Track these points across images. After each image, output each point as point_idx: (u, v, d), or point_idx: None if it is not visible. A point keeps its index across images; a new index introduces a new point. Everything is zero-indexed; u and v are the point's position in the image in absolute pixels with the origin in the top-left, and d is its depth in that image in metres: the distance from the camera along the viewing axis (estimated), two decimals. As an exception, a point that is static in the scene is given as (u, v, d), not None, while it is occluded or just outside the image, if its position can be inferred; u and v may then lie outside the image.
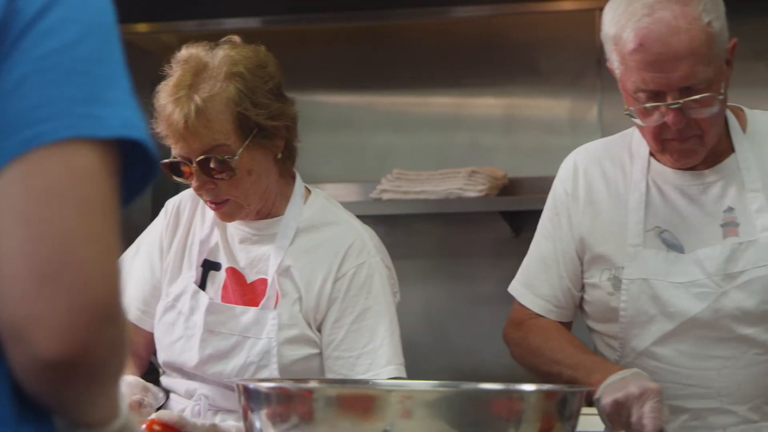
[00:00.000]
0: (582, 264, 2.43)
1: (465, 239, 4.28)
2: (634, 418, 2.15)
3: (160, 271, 2.57)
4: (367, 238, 2.53)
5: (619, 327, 2.38)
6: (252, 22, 4.38)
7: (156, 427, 2.13)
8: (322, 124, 4.37)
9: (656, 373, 2.35)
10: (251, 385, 1.89)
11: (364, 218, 4.31)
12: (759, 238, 2.31)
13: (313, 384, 2.02)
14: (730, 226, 2.33)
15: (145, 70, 2.97)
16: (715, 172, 2.36)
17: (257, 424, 1.88)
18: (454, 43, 4.33)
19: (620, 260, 2.37)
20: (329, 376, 2.45)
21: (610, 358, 2.41)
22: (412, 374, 2.55)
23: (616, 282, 2.37)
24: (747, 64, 4.00)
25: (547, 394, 2.00)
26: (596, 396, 2.22)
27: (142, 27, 4.58)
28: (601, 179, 2.43)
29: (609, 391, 2.20)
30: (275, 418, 1.87)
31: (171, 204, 2.62)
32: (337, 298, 2.46)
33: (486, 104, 4.33)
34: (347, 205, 4.21)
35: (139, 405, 2.28)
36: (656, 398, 2.15)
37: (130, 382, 2.30)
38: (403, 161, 4.24)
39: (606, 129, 3.94)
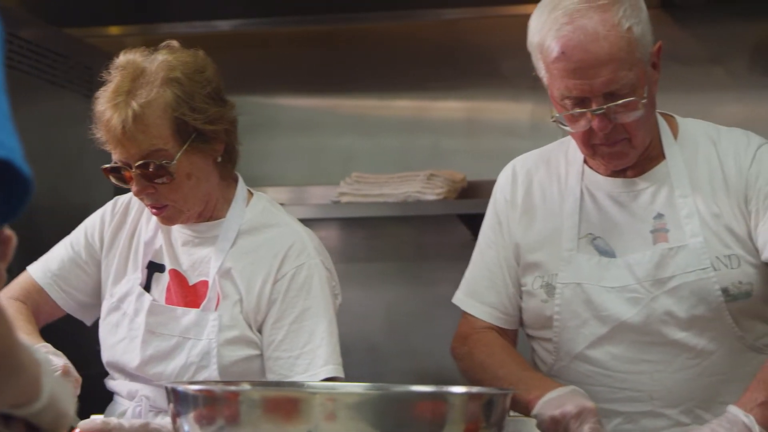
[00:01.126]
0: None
1: (425, 242, 4.30)
2: None
3: (85, 253, 2.61)
4: (307, 239, 2.54)
5: (553, 332, 2.40)
6: (218, 26, 4.41)
7: (80, 437, 2.14)
8: (284, 127, 4.39)
9: (590, 376, 2.38)
10: (179, 388, 1.90)
11: (326, 221, 4.40)
12: (688, 244, 2.33)
13: (237, 387, 2.03)
14: (660, 232, 2.35)
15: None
16: (646, 179, 2.38)
17: (185, 427, 1.89)
18: (416, 47, 4.34)
19: (554, 267, 2.39)
20: (269, 376, 2.47)
21: (547, 362, 2.43)
22: (374, 376, 2.57)
23: (550, 289, 2.39)
24: (705, 68, 4.03)
25: (472, 397, 2.02)
26: (534, 412, 2.25)
27: (113, 30, 4.60)
28: (537, 186, 2.46)
29: (546, 407, 2.22)
30: (202, 421, 1.88)
31: (120, 201, 2.64)
32: (277, 299, 2.48)
33: (448, 107, 4.34)
34: (309, 209, 4.29)
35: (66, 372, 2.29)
36: (594, 418, 2.17)
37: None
38: (365, 164, 4.26)
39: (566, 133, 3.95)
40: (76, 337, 2.64)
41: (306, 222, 4.36)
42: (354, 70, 4.39)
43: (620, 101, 2.24)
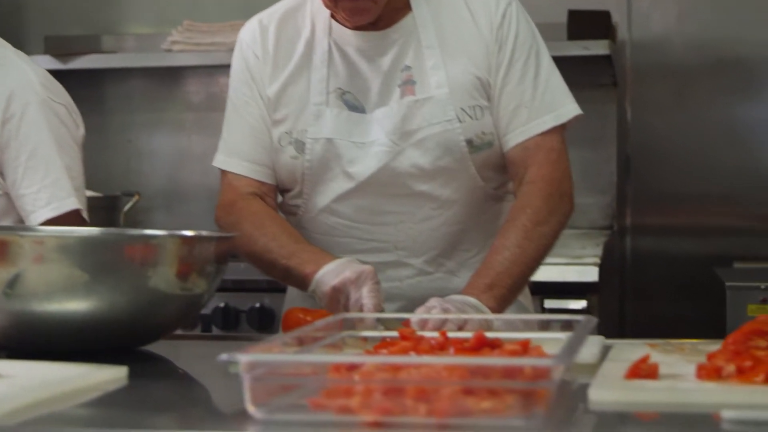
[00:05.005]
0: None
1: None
2: (352, 301, 2.18)
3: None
4: (32, 77, 2.56)
5: (303, 187, 2.40)
6: None
7: None
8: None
9: (337, 228, 2.40)
10: None
11: (158, 69, 4.39)
12: (434, 96, 2.34)
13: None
14: (407, 85, 2.35)
15: None
16: (393, 32, 2.37)
17: None
18: None
19: (303, 123, 2.38)
20: (21, 214, 2.54)
21: (296, 215, 2.45)
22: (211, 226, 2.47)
23: (299, 145, 2.38)
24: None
25: (183, 240, 2.05)
26: (311, 287, 2.25)
27: None
28: (285, 41, 2.42)
29: (325, 279, 2.22)
30: None
31: None
32: (10, 139, 2.50)
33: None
34: (137, 57, 4.27)
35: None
36: (373, 280, 2.18)
37: None
38: (196, 13, 4.23)
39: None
40: None
41: (129, 71, 4.39)
42: None
43: None
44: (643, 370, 1.66)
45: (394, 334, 1.88)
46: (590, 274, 3.45)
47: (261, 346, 1.58)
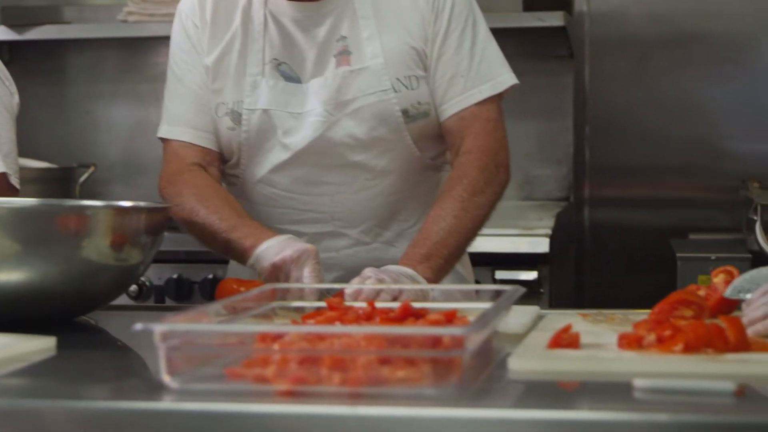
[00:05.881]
0: None
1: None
2: (292, 279, 2.17)
3: None
4: None
5: (241, 158, 2.40)
6: None
7: None
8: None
9: (274, 199, 2.41)
10: None
11: (115, 40, 4.37)
12: (369, 66, 2.34)
13: None
14: (342, 55, 2.35)
15: None
16: (329, 2, 2.36)
17: None
18: None
19: (239, 93, 2.38)
20: None
21: (236, 185, 2.45)
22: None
23: (236, 116, 2.38)
24: None
25: (116, 211, 2.05)
26: (250, 261, 2.25)
27: None
28: (223, 12, 2.41)
29: (265, 255, 2.21)
30: None
31: None
32: None
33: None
34: (93, 27, 4.25)
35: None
36: (315, 260, 2.18)
37: None
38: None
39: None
40: None
41: (87, 42, 4.37)
42: None
43: None
44: (564, 340, 1.67)
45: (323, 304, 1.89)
46: (541, 245, 3.46)
47: (182, 315, 1.58)
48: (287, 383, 1.42)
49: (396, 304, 1.84)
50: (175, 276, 3.63)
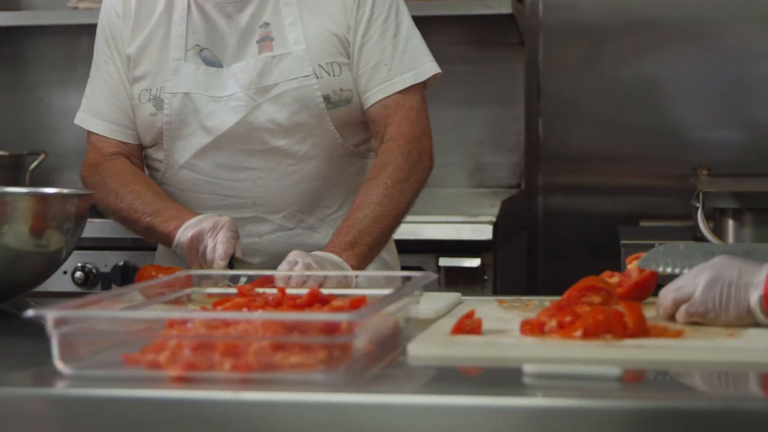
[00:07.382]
0: None
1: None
2: (209, 249, 2.21)
3: None
4: None
5: (163, 143, 2.41)
6: None
7: None
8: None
9: (198, 184, 2.42)
10: None
11: (67, 27, 4.35)
12: (291, 52, 2.35)
13: None
14: (265, 41, 2.36)
15: None
16: None
17: None
18: None
19: (161, 79, 2.39)
20: None
21: (160, 170, 2.45)
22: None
23: (158, 102, 2.39)
24: None
25: (36, 198, 2.06)
26: (174, 244, 2.28)
27: None
28: None
29: (185, 232, 2.26)
30: None
31: None
32: None
33: None
34: (44, 15, 4.24)
35: None
36: (230, 228, 2.22)
37: None
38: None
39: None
40: None
41: (40, 29, 4.36)
42: None
43: None
44: (467, 326, 1.68)
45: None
46: (485, 232, 3.46)
47: (77, 301, 1.58)
48: (178, 369, 1.42)
49: (303, 291, 1.85)
50: (121, 263, 3.62)
